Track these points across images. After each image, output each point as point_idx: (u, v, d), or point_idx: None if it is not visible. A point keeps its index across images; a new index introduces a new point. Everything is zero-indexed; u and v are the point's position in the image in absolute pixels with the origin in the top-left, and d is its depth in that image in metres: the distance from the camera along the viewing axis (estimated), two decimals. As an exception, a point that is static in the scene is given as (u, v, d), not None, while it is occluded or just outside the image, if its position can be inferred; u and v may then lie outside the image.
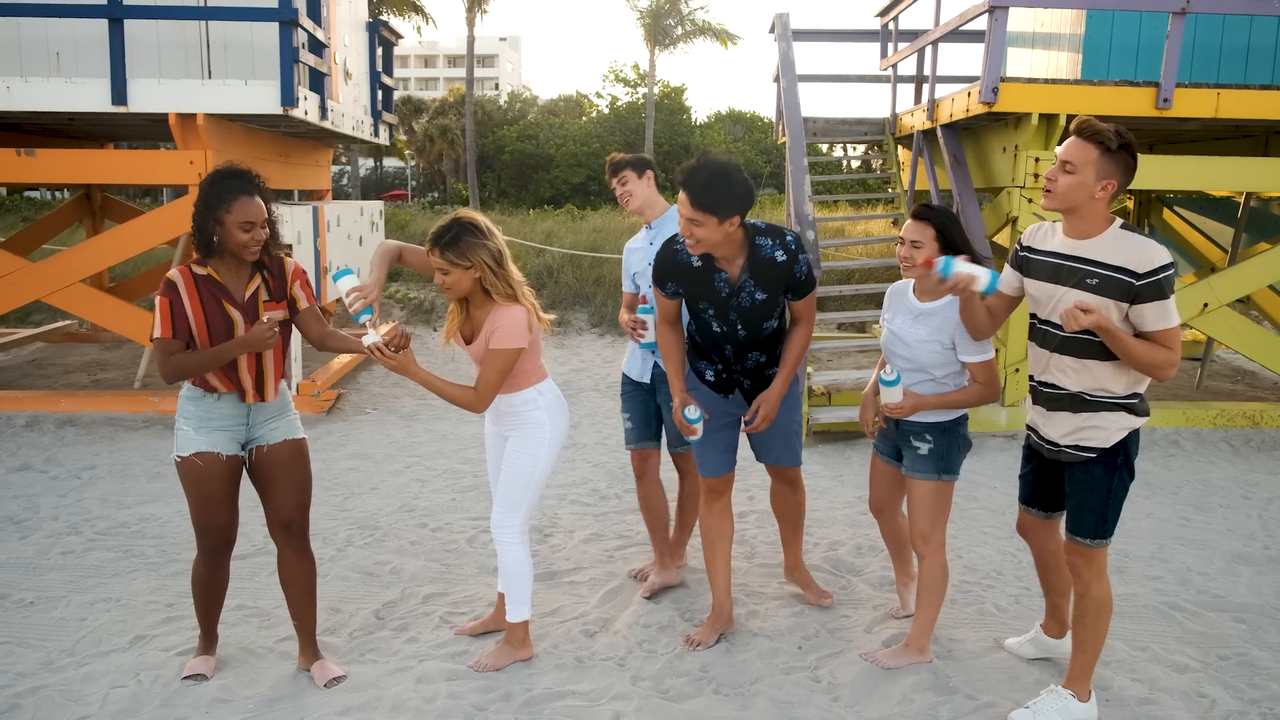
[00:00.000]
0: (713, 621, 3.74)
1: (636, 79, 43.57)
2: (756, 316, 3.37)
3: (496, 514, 3.46)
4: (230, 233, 3.11)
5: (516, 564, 3.46)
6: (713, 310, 3.38)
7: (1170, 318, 2.82)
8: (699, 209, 3.10)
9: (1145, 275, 2.78)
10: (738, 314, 3.37)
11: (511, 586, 3.49)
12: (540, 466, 3.43)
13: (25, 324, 10.49)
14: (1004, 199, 7.04)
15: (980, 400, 3.33)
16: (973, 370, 3.31)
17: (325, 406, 7.24)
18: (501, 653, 3.52)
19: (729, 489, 3.73)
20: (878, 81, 9.79)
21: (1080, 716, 3.14)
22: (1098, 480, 3.00)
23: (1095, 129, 2.79)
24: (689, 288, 3.39)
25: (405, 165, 54.32)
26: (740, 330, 3.40)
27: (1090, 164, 2.80)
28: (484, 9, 36.71)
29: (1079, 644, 3.13)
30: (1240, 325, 7.03)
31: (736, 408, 3.64)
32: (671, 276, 3.41)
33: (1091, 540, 3.03)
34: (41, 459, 6.01)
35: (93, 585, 4.15)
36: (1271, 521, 5.25)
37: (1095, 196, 2.83)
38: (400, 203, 43.83)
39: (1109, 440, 2.97)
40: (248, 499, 5.29)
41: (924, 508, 3.43)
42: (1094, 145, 2.80)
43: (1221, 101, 6.58)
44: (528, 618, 3.52)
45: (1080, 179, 2.82)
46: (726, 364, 3.55)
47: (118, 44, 6.67)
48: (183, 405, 3.22)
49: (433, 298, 11.69)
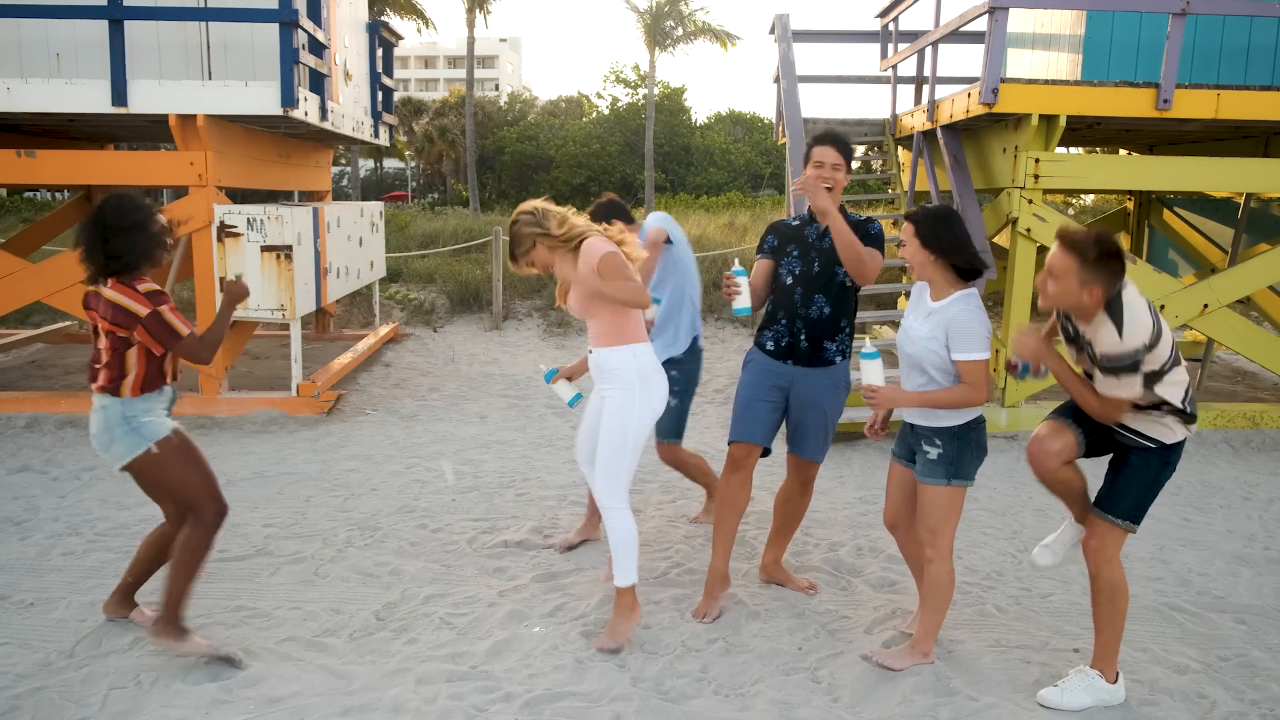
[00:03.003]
0: (708, 588, 3.96)
1: (637, 80, 43.55)
2: (834, 258, 3.84)
3: (600, 484, 3.58)
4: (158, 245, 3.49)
5: (624, 530, 3.57)
6: (797, 252, 3.91)
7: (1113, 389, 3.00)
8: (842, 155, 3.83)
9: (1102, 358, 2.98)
10: (818, 253, 3.88)
11: (618, 552, 3.60)
12: (632, 431, 3.52)
13: (25, 325, 10.49)
14: (1004, 199, 7.04)
15: (963, 401, 3.26)
16: (961, 369, 3.26)
17: (325, 407, 7.24)
18: (619, 624, 3.64)
19: (750, 463, 3.92)
20: (878, 82, 9.80)
21: (1107, 695, 3.25)
22: (1153, 467, 3.16)
23: (1074, 241, 2.95)
24: (784, 238, 3.98)
25: (405, 166, 54.31)
26: (816, 266, 3.87)
27: (1071, 273, 2.95)
28: (487, 9, 36.67)
29: (1098, 626, 3.25)
30: (1240, 326, 7.03)
31: (787, 380, 3.91)
32: (772, 231, 4.05)
33: (1125, 521, 3.17)
34: (42, 460, 6.02)
35: (93, 586, 4.15)
36: (1272, 523, 5.25)
37: (1083, 302, 2.98)
38: (400, 204, 43.82)
39: (1174, 437, 3.15)
40: (247, 500, 5.31)
41: (933, 512, 3.39)
42: (1073, 257, 2.94)
43: (1221, 102, 6.58)
44: (634, 582, 3.63)
45: (1065, 286, 2.98)
46: (791, 317, 3.88)
47: (118, 45, 6.67)
48: (130, 408, 3.41)
49: (433, 298, 11.71)
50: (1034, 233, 6.73)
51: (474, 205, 36.22)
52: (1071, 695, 3.24)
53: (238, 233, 6.85)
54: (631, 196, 39.23)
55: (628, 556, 3.60)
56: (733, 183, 40.42)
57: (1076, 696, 3.24)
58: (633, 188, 40.58)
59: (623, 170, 41.54)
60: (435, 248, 13.84)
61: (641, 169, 39.45)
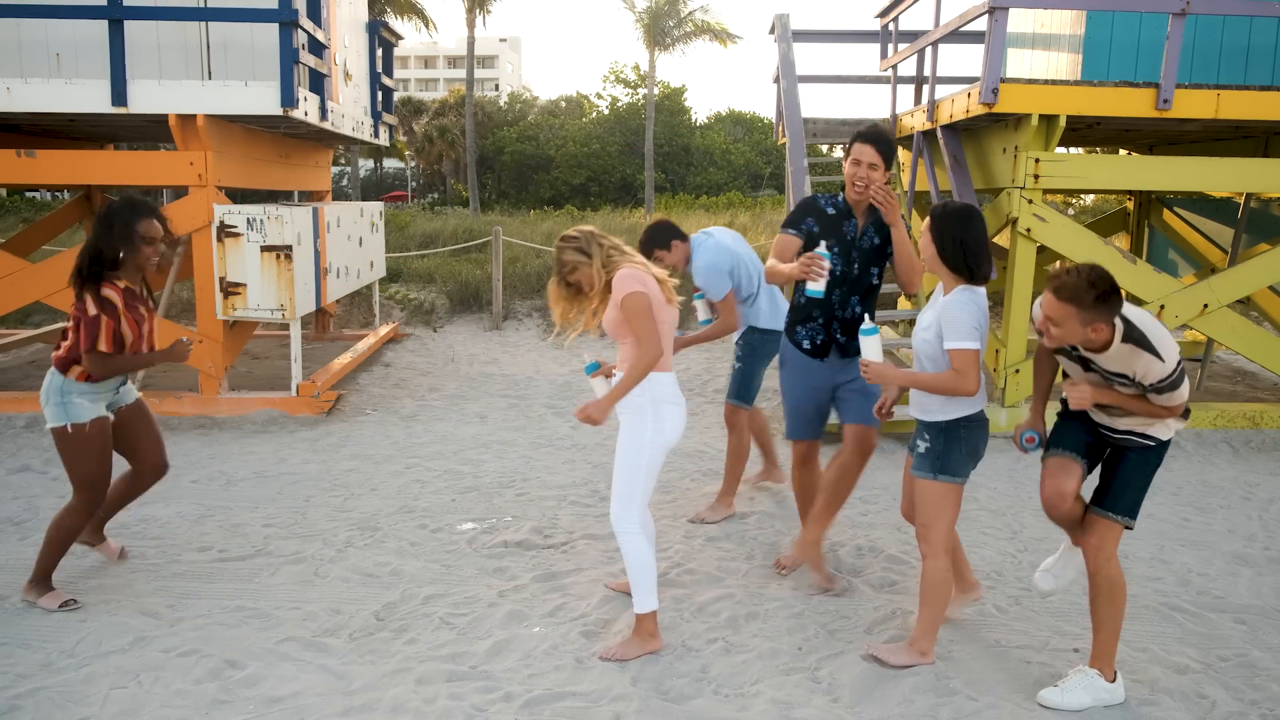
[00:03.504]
0: (800, 545, 4.22)
1: (637, 80, 43.58)
2: (871, 259, 4.01)
3: (613, 506, 3.56)
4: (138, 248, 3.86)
5: (637, 555, 3.52)
6: (838, 249, 3.98)
7: (1175, 399, 3.05)
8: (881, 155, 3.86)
9: (1150, 385, 3.01)
10: (859, 253, 4.00)
11: (635, 578, 3.55)
12: (644, 456, 3.51)
13: (25, 325, 10.49)
14: (1004, 200, 7.04)
15: (950, 387, 3.26)
16: (951, 355, 3.28)
17: (325, 407, 7.24)
18: (631, 644, 3.59)
19: (814, 454, 4.29)
20: (878, 82, 9.79)
21: (1107, 694, 3.27)
22: (1151, 464, 3.23)
23: (1070, 290, 2.91)
24: (823, 227, 4.04)
25: (405, 166, 54.34)
26: (855, 268, 3.99)
27: (1072, 318, 2.95)
28: (487, 10, 36.67)
29: (1096, 624, 3.27)
30: (1240, 326, 7.03)
31: (828, 377, 4.12)
32: (810, 213, 4.08)
33: (1123, 517, 3.21)
34: (41, 460, 6.01)
35: (93, 586, 4.15)
36: (1272, 523, 5.25)
37: (1089, 338, 2.99)
38: (400, 204, 43.86)
39: (1169, 433, 3.23)
40: (247, 500, 5.31)
41: (923, 506, 3.46)
42: (1070, 305, 2.93)
43: (1221, 102, 6.58)
44: (654, 608, 3.57)
45: (1067, 331, 2.98)
46: (828, 318, 4.05)
47: (118, 45, 6.67)
48: (68, 386, 3.85)
49: (433, 298, 11.71)
50: (1034, 233, 6.72)
51: (474, 205, 36.22)
52: (1071, 695, 3.26)
53: (238, 233, 6.85)
54: (631, 197, 39.24)
55: (645, 581, 3.54)
56: (733, 183, 40.45)
57: (1076, 696, 3.25)
58: (632, 188, 40.60)
59: (622, 170, 41.56)
60: (435, 248, 13.84)
61: (641, 169, 39.46)
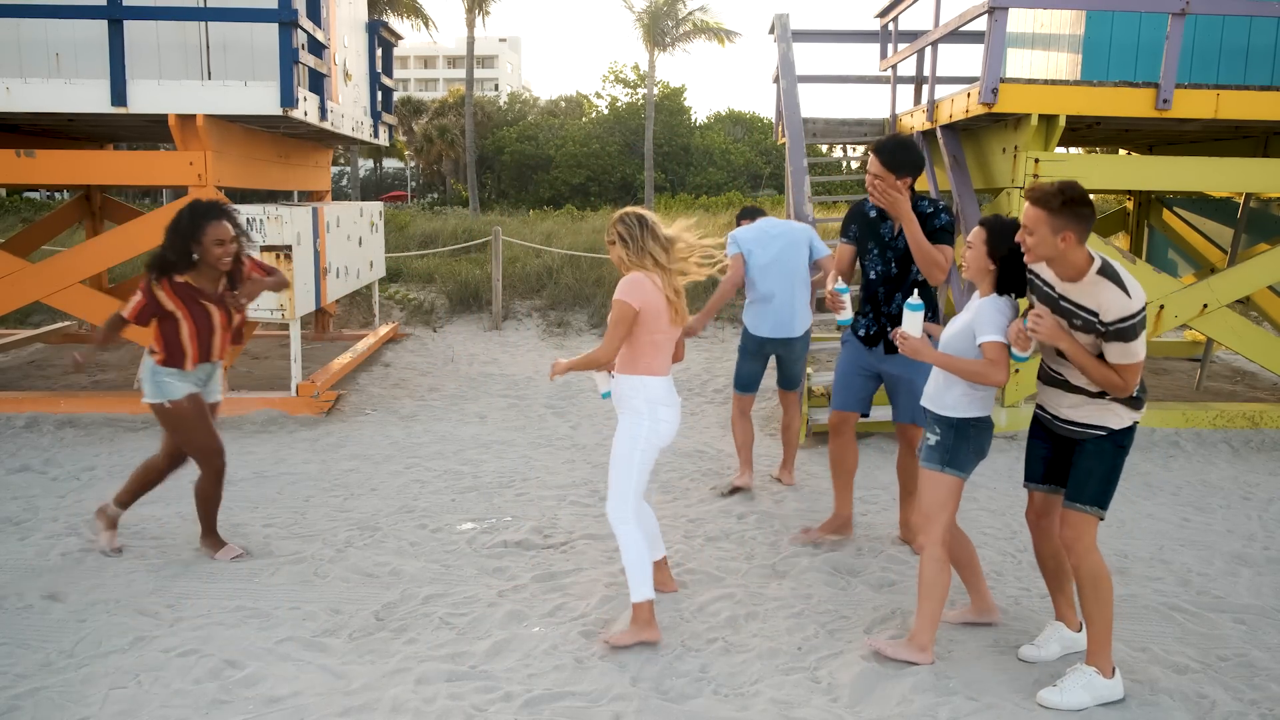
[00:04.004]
0: (831, 522, 4.76)
1: (636, 80, 43.57)
2: (909, 258, 4.34)
3: (609, 500, 3.72)
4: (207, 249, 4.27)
5: (630, 546, 3.66)
6: (876, 250, 4.43)
7: (1129, 355, 3.11)
8: (888, 168, 4.13)
9: (1111, 324, 3.08)
10: (894, 253, 4.39)
11: (630, 570, 3.67)
12: (637, 455, 3.67)
13: (25, 325, 10.49)
14: (1003, 200, 7.04)
15: (982, 375, 3.38)
16: (984, 348, 3.41)
17: (325, 407, 7.23)
18: (627, 633, 3.67)
19: (849, 427, 4.67)
20: (877, 82, 9.79)
21: (1105, 692, 3.29)
22: (1106, 453, 3.28)
23: (1039, 194, 3.11)
24: (863, 231, 4.48)
25: (405, 166, 54.34)
26: (894, 267, 4.40)
27: (1042, 223, 3.11)
28: (487, 10, 36.67)
29: (1087, 619, 3.31)
30: (1240, 326, 7.03)
31: (874, 363, 4.54)
32: (854, 219, 4.53)
33: (1091, 507, 3.27)
34: (41, 460, 6.01)
35: (92, 586, 4.15)
36: (1271, 522, 5.25)
37: (1060, 248, 3.10)
38: (400, 204, 43.85)
39: (1121, 423, 3.27)
40: (246, 500, 5.30)
41: (927, 496, 3.55)
42: (1040, 208, 3.10)
43: (1221, 102, 6.58)
44: (649, 598, 3.66)
45: (1039, 237, 3.13)
46: (877, 311, 4.47)
47: (117, 45, 6.67)
48: (157, 370, 4.31)
49: (432, 298, 11.71)
50: (1034, 233, 6.72)
51: (473, 205, 36.23)
52: (1070, 695, 3.26)
53: (237, 233, 6.85)
54: (631, 196, 39.24)
55: (640, 573, 3.66)
56: (732, 183, 40.43)
57: (1075, 695, 3.26)
58: (632, 188, 40.60)
59: (622, 170, 41.56)
60: (435, 248, 13.84)
61: (641, 169, 39.47)
